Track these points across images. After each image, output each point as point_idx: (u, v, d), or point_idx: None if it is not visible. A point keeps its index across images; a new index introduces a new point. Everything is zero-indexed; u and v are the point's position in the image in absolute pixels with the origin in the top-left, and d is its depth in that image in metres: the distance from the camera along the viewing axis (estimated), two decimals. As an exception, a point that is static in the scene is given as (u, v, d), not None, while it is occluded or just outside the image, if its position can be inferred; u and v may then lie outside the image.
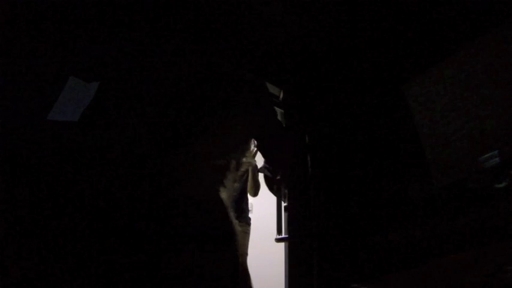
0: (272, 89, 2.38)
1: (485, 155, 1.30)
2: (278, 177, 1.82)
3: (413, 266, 1.29)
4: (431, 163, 1.56)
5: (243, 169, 1.00)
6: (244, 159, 1.00)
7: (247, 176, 3.41)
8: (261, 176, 2.78)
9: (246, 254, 3.15)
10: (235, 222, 0.89)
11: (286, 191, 1.83)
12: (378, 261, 1.50)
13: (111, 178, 0.77)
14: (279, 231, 1.86)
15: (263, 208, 4.63)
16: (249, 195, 3.61)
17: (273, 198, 2.23)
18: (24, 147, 0.78)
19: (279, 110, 2.38)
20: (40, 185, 0.77)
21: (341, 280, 1.59)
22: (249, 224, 3.51)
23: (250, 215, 3.65)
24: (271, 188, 1.87)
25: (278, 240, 1.79)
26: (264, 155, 1.36)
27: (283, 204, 1.91)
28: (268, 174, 1.78)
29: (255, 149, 2.55)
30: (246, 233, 3.37)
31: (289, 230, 1.75)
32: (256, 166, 3.13)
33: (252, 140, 1.23)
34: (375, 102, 1.97)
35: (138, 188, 0.76)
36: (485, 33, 1.50)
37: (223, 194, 0.85)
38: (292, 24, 2.02)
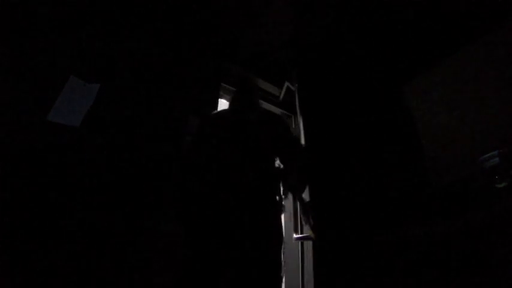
0: (272, 88, 2.38)
1: (485, 155, 1.30)
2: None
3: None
4: (432, 163, 1.56)
5: None
6: None
7: None
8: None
9: None
10: None
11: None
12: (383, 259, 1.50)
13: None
14: (296, 230, 1.82)
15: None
16: None
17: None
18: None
19: (278, 110, 2.38)
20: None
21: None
22: None
23: None
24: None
25: (298, 239, 1.75)
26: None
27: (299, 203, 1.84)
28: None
29: None
30: None
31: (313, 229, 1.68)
32: None
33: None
34: (376, 102, 1.97)
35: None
36: (485, 34, 1.50)
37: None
38: (292, 25, 2.01)
